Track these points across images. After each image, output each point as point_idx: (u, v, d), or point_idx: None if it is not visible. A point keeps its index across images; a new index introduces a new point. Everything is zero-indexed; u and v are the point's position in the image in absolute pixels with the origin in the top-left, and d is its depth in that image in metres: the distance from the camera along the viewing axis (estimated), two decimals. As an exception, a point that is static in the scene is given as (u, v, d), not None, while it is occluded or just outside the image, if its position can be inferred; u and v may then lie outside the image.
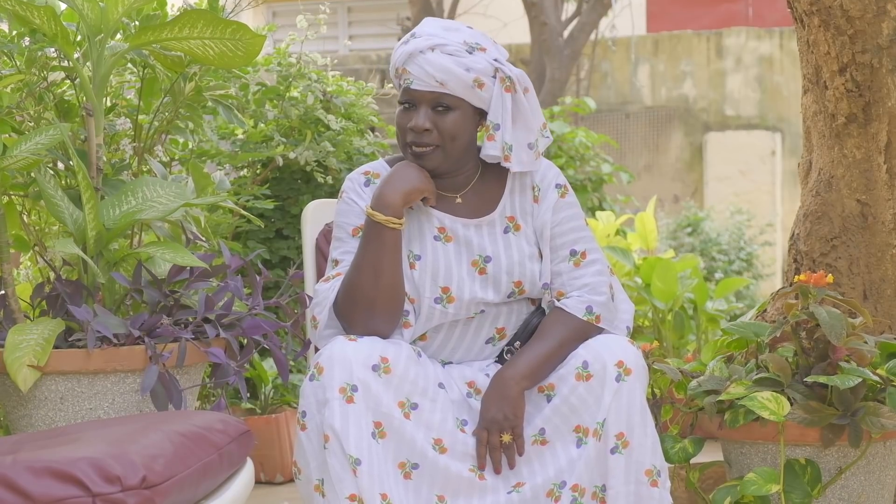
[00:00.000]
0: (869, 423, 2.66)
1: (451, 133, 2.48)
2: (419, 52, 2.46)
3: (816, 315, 2.68)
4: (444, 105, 2.47)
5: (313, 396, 2.36)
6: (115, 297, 2.94)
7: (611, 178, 6.87)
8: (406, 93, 2.49)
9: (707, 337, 4.59)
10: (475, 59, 2.47)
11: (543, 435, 2.44)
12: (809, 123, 3.35)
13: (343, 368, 2.33)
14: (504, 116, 2.49)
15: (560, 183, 2.61)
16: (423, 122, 2.47)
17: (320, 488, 2.35)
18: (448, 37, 2.48)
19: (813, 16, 3.16)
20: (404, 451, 2.36)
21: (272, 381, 3.93)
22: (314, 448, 2.36)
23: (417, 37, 2.50)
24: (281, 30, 9.19)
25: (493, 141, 2.50)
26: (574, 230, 2.59)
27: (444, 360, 2.58)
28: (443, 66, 2.45)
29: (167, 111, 3.26)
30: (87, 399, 2.72)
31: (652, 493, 2.39)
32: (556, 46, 9.18)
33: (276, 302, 3.09)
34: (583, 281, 2.55)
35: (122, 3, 2.85)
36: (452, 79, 2.45)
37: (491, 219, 2.57)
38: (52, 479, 1.85)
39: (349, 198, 2.56)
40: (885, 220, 3.19)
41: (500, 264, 2.54)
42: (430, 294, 2.51)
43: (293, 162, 4.23)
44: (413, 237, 2.54)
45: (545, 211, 2.58)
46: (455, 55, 2.46)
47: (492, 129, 2.50)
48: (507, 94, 2.49)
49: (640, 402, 2.40)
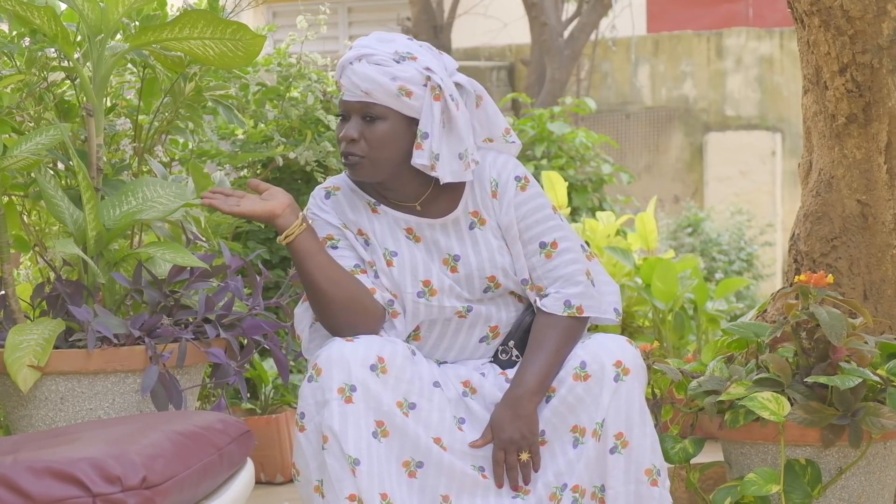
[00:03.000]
0: (869, 423, 2.66)
1: (378, 143, 2.45)
2: (348, 63, 2.46)
3: (817, 315, 2.68)
4: (371, 115, 2.45)
5: (312, 398, 2.36)
6: (115, 297, 2.94)
7: (611, 178, 6.87)
8: (340, 104, 2.49)
9: (707, 337, 4.59)
10: (402, 68, 2.43)
11: (543, 436, 2.45)
12: (810, 124, 3.35)
13: (341, 369, 2.34)
14: (432, 125, 2.44)
15: (518, 175, 2.56)
16: (351, 132, 2.45)
17: (320, 489, 2.35)
18: (378, 47, 2.46)
19: (813, 16, 3.16)
20: (408, 450, 2.36)
21: (272, 381, 3.92)
22: (313, 449, 2.36)
23: (351, 49, 2.50)
24: (281, 30, 9.18)
25: (420, 150, 2.45)
26: (540, 222, 2.55)
27: (439, 360, 2.58)
28: (367, 75, 2.42)
29: (167, 111, 3.26)
30: (87, 399, 2.72)
31: (652, 492, 2.39)
32: (557, 47, 9.18)
33: (276, 302, 3.09)
34: (557, 273, 2.53)
35: (122, 3, 2.85)
36: (376, 87, 2.42)
37: (455, 216, 2.55)
38: (52, 479, 1.85)
39: (312, 213, 2.58)
40: (886, 220, 3.19)
41: (470, 263, 2.53)
42: (412, 289, 2.51)
43: (293, 162, 4.23)
44: (386, 236, 2.54)
45: (507, 208, 2.55)
46: (381, 64, 2.43)
47: (420, 138, 2.45)
48: (436, 102, 2.44)
49: (639, 401, 2.40)
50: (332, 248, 2.52)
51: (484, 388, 2.50)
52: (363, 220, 2.55)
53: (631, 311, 4.48)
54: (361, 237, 2.55)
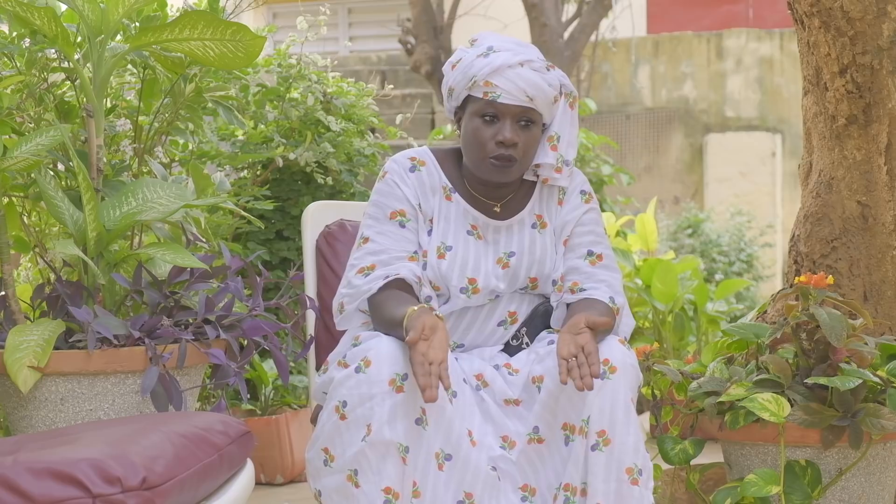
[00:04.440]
0: (869, 424, 2.66)
1: (530, 147, 2.57)
2: (507, 66, 2.53)
3: (817, 316, 2.69)
4: (527, 119, 2.54)
5: (357, 388, 2.35)
6: (115, 298, 2.94)
7: (611, 179, 6.87)
8: (490, 105, 2.53)
9: (707, 338, 4.60)
10: (552, 77, 2.56)
11: (538, 433, 2.46)
12: (810, 125, 3.35)
13: (392, 361, 2.35)
14: (570, 132, 2.59)
15: (585, 189, 2.68)
16: (513, 136, 2.53)
17: (353, 479, 2.34)
18: (532, 54, 2.57)
19: (813, 17, 3.16)
20: (440, 440, 2.37)
21: (272, 382, 3.93)
22: (353, 438, 2.35)
23: (496, 50, 2.55)
24: (281, 31, 9.19)
25: (555, 151, 2.59)
26: (593, 233, 2.65)
27: (456, 342, 2.61)
28: (534, 82, 2.52)
29: (167, 112, 3.27)
30: (87, 400, 2.72)
31: (632, 491, 2.38)
32: (557, 48, 9.18)
33: (276, 303, 3.09)
34: (600, 277, 2.61)
35: (122, 4, 2.85)
36: (540, 94, 2.53)
37: (521, 217, 2.64)
38: (52, 480, 1.85)
39: (392, 180, 2.61)
40: (886, 221, 3.19)
41: (522, 260, 2.61)
42: (458, 283, 2.56)
43: (293, 163, 4.23)
44: (447, 230, 2.60)
45: (568, 212, 2.65)
46: (540, 72, 2.54)
47: (556, 140, 2.58)
48: (570, 110, 2.60)
49: (624, 400, 2.40)
50: (399, 226, 2.58)
51: (496, 382, 2.52)
52: (435, 206, 2.62)
53: (631, 312, 4.49)
54: (428, 225, 2.61)
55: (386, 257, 2.55)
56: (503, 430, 2.47)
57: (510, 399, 2.50)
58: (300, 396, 4.02)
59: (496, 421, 2.48)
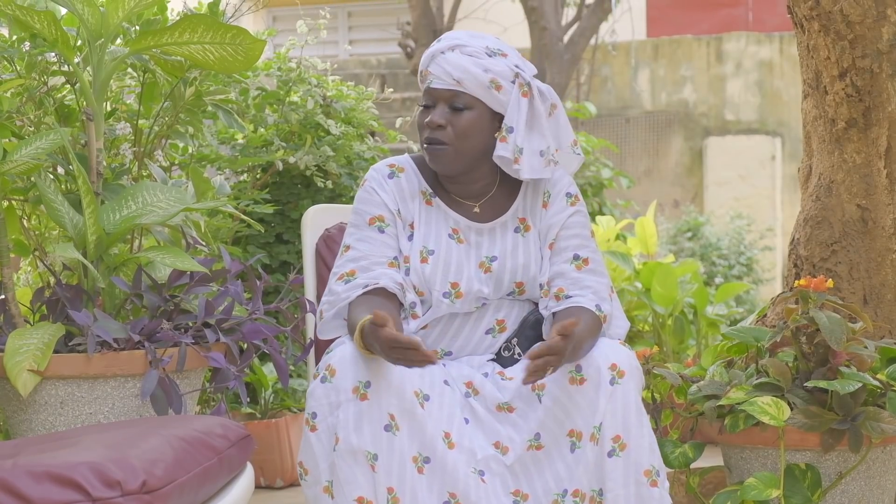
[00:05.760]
0: (869, 427, 2.66)
1: (464, 132, 2.51)
2: (440, 52, 2.54)
3: (817, 320, 2.68)
4: (460, 104, 2.52)
5: (325, 398, 2.35)
6: (115, 301, 2.94)
7: (611, 182, 6.87)
8: (426, 93, 2.55)
9: (707, 342, 4.59)
10: (494, 62, 2.52)
11: (539, 440, 2.44)
12: (809, 128, 3.35)
13: (355, 368, 2.34)
14: (518, 120, 2.53)
15: (571, 192, 2.64)
16: (439, 118, 2.51)
17: (329, 490, 2.35)
18: (471, 41, 2.54)
19: (813, 21, 3.16)
20: (416, 444, 2.36)
21: (272, 385, 3.92)
22: (324, 449, 2.36)
23: (441, 41, 2.56)
24: (281, 34, 9.17)
25: (505, 143, 2.53)
26: (579, 237, 2.61)
27: (444, 350, 2.59)
28: (460, 64, 2.50)
29: (167, 116, 3.27)
30: (87, 403, 2.72)
31: (652, 493, 2.38)
32: (557, 51, 9.19)
33: (276, 307, 3.08)
34: (585, 283, 2.56)
35: (122, 7, 2.85)
36: (469, 77, 2.50)
37: (503, 220, 2.61)
38: (52, 483, 1.85)
39: (371, 187, 2.61)
40: (886, 224, 3.20)
41: (505, 265, 2.57)
42: (440, 288, 2.54)
43: (293, 166, 4.23)
44: (429, 234, 2.58)
45: (553, 214, 2.61)
46: (474, 56, 2.52)
47: (505, 132, 2.53)
48: (523, 98, 2.54)
49: (636, 403, 2.40)
50: (378, 231, 2.56)
51: (485, 389, 2.50)
52: (415, 211, 2.60)
53: (631, 315, 4.48)
54: (408, 230, 2.59)
55: (366, 263, 2.53)
56: (495, 436, 2.46)
57: (503, 405, 2.48)
58: (300, 400, 4.01)
59: (487, 426, 2.47)
